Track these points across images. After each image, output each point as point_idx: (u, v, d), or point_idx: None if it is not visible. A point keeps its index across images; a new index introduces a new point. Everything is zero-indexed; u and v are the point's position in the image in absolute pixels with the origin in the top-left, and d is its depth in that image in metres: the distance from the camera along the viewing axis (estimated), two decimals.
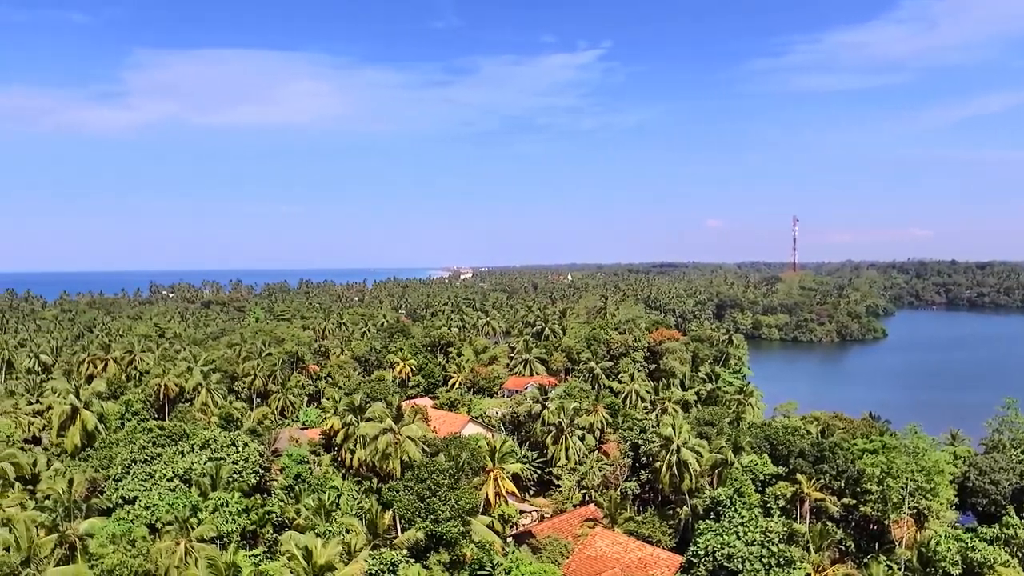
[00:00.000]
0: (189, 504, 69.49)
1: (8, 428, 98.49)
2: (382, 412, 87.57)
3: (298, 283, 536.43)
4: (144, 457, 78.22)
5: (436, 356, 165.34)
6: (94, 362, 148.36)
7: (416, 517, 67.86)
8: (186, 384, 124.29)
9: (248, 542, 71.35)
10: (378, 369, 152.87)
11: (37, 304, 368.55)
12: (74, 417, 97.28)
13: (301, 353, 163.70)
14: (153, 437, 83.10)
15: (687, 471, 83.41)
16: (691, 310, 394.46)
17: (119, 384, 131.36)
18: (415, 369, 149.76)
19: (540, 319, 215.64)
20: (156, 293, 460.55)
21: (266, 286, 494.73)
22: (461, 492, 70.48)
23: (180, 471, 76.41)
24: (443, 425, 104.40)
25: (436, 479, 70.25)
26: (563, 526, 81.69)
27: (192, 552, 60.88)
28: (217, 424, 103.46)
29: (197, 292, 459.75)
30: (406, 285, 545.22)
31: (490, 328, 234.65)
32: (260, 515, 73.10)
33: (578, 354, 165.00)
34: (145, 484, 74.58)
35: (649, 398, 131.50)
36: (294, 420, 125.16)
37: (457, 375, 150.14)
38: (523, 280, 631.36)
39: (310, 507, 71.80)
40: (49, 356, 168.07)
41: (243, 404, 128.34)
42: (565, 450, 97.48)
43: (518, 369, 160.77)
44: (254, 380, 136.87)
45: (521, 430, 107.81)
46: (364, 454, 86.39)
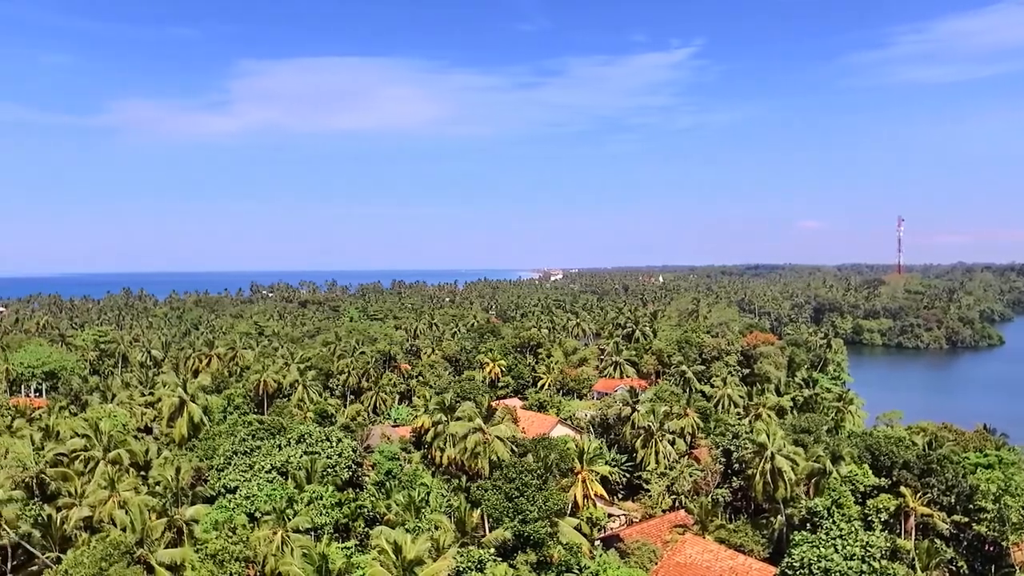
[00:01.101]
0: (286, 496, 71.89)
1: (124, 418, 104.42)
2: (472, 412, 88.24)
3: (391, 284, 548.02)
4: (244, 449, 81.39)
5: (526, 357, 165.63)
6: (199, 358, 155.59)
7: (504, 516, 67.99)
8: (284, 380, 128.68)
9: (341, 535, 73.19)
10: (468, 369, 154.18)
11: (149, 302, 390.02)
12: (182, 409, 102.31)
13: (393, 352, 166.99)
14: (253, 430, 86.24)
15: (782, 479, 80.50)
16: (787, 313, 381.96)
17: (222, 379, 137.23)
18: (505, 370, 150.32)
19: (631, 321, 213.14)
20: (256, 293, 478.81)
21: (360, 286, 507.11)
22: (549, 493, 70.23)
23: (277, 464, 79.15)
24: (532, 426, 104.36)
25: (524, 479, 70.23)
26: (652, 531, 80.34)
27: (288, 542, 62.97)
28: (312, 420, 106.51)
29: (295, 292, 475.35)
30: (496, 286, 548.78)
31: (580, 330, 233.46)
32: (352, 509, 74.88)
33: (669, 357, 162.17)
34: (245, 475, 77.65)
35: (742, 403, 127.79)
36: (386, 417, 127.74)
37: (546, 376, 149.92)
38: (613, 282, 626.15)
39: (400, 503, 73.01)
40: (159, 351, 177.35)
41: (337, 401, 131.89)
42: (655, 454, 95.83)
43: (608, 371, 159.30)
44: (348, 378, 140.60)
45: (610, 433, 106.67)
46: (454, 452, 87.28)
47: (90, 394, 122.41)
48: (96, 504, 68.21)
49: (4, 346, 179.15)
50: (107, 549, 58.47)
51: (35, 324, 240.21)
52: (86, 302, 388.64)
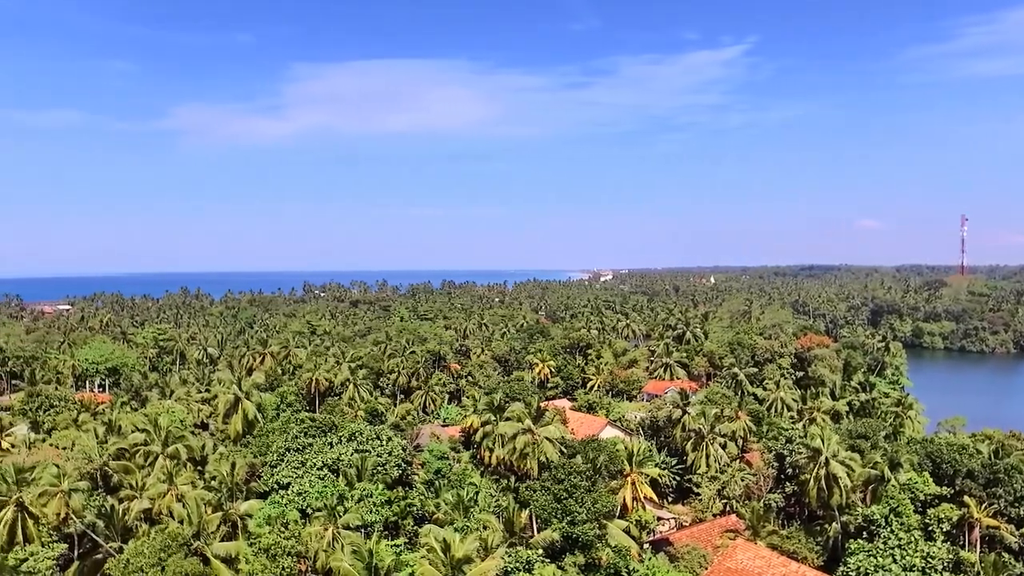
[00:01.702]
0: (337, 493, 72.86)
1: (181, 414, 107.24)
2: (521, 412, 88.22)
3: (441, 284, 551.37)
4: (297, 446, 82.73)
5: (575, 358, 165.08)
6: (254, 356, 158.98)
7: (552, 517, 67.81)
8: (335, 379, 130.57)
9: (390, 532, 73.91)
10: (517, 369, 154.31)
11: (206, 301, 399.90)
12: (236, 406, 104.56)
13: (443, 352, 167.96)
14: (305, 428, 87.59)
15: (837, 486, 78.51)
16: (843, 315, 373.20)
17: (275, 377, 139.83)
18: (554, 370, 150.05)
19: (681, 322, 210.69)
20: (309, 292, 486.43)
21: (410, 286, 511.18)
22: (598, 495, 69.81)
23: (329, 461, 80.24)
24: (581, 427, 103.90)
25: (573, 480, 69.93)
26: (702, 535, 79.21)
27: (339, 538, 63.79)
28: (363, 418, 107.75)
29: (346, 292, 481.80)
30: (546, 287, 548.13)
31: (630, 331, 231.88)
32: (402, 507, 75.55)
33: (720, 359, 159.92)
34: (297, 471, 78.93)
35: (796, 407, 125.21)
36: (435, 417, 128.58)
37: (596, 377, 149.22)
38: (664, 282, 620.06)
39: (449, 502, 73.39)
40: (215, 349, 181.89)
41: (387, 400, 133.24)
42: (706, 457, 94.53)
43: (658, 373, 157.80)
44: (398, 377, 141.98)
45: (660, 435, 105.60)
46: (502, 453, 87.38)
47: (150, 390, 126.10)
48: (155, 497, 70.25)
49: (70, 343, 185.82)
50: (166, 540, 60.12)
51: (99, 322, 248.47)
52: (146, 301, 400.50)
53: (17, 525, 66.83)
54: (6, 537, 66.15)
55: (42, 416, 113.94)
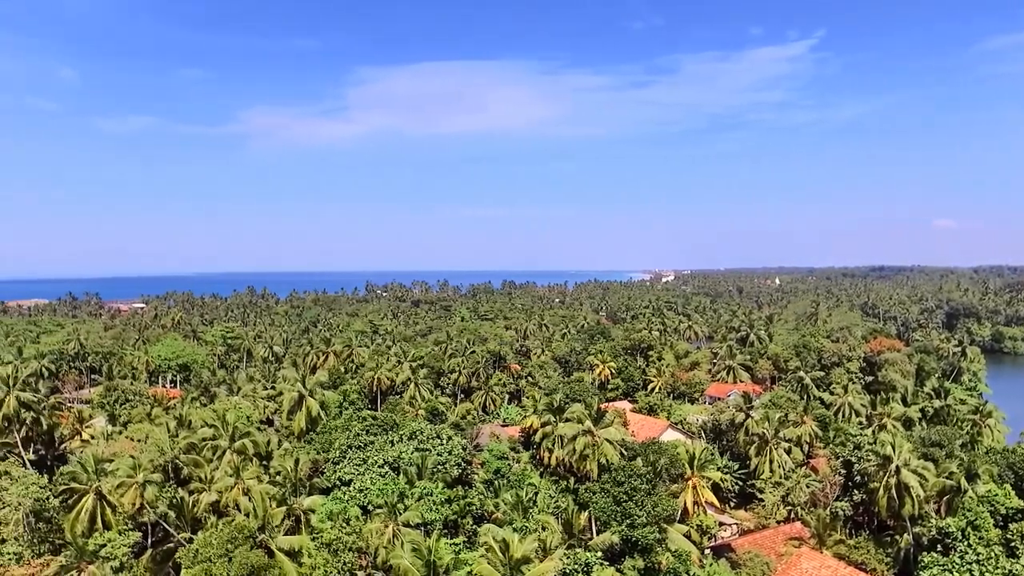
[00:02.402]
0: (397, 490, 73.66)
1: (248, 410, 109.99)
2: (581, 413, 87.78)
3: (501, 284, 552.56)
4: (358, 444, 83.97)
5: (636, 359, 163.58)
6: (317, 354, 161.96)
7: (612, 520, 67.25)
8: (396, 378, 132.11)
9: (449, 531, 74.31)
10: (578, 370, 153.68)
11: (272, 301, 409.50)
12: (300, 404, 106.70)
13: (503, 352, 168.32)
14: (367, 426, 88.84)
15: (908, 495, 75.67)
16: (915, 318, 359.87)
17: (338, 375, 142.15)
18: (615, 372, 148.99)
19: (745, 324, 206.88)
20: (371, 292, 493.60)
21: (471, 287, 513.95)
22: (658, 498, 68.96)
23: (390, 459, 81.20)
24: (641, 429, 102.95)
25: (633, 483, 69.22)
26: (765, 542, 77.42)
27: (399, 535, 64.48)
28: (424, 417, 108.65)
29: (408, 292, 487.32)
30: (607, 287, 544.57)
31: (692, 332, 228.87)
32: (461, 506, 75.91)
33: (785, 362, 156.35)
34: (359, 469, 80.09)
35: (865, 412, 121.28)
36: (495, 417, 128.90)
37: (657, 379, 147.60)
38: (727, 283, 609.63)
39: (508, 502, 73.41)
40: (280, 347, 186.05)
41: (448, 399, 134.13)
42: (769, 462, 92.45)
43: (720, 375, 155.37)
44: (459, 377, 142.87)
45: (722, 439, 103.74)
46: (562, 454, 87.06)
47: (218, 387, 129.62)
48: (223, 490, 72.19)
49: (145, 340, 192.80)
50: (233, 532, 61.74)
51: (171, 320, 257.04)
52: (215, 300, 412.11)
53: (97, 512, 69.84)
54: (87, 523, 69.22)
55: (118, 410, 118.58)
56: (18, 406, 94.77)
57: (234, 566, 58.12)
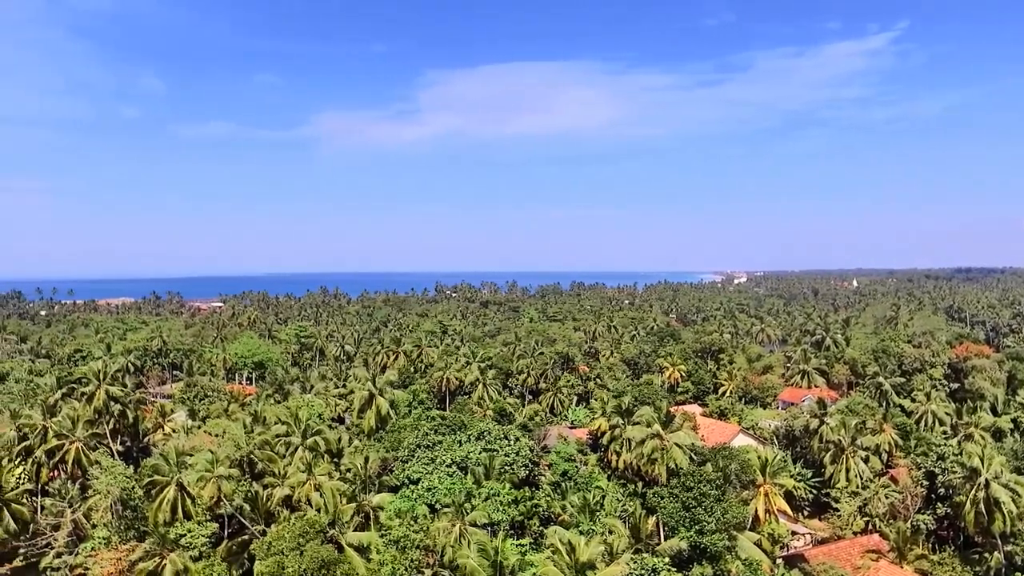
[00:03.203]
0: (465, 490, 74.11)
1: (320, 407, 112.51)
2: (650, 416, 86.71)
3: (570, 285, 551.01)
4: (427, 443, 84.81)
5: (706, 362, 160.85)
6: (388, 354, 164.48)
7: (680, 526, 66.21)
8: (465, 378, 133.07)
9: (516, 532, 74.38)
10: (647, 373, 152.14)
11: (343, 300, 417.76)
12: (371, 402, 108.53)
13: (572, 354, 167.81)
14: (435, 425, 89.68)
15: (999, 511, 72.02)
16: (1007, 323, 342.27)
17: (407, 375, 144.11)
18: (684, 375, 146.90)
19: (820, 327, 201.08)
20: (440, 293, 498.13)
21: (540, 288, 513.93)
22: (728, 504, 67.55)
23: (457, 459, 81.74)
24: (712, 434, 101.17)
25: (703, 489, 68.01)
26: (840, 554, 74.97)
27: (465, 535, 64.83)
28: (492, 417, 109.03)
29: (476, 292, 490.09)
30: (677, 289, 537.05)
31: (765, 335, 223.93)
32: (528, 507, 75.89)
33: (863, 367, 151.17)
34: (427, 468, 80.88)
35: (949, 421, 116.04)
36: (563, 418, 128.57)
37: (728, 383, 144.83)
38: (802, 285, 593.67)
39: (575, 504, 73.08)
40: (352, 347, 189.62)
41: (516, 400, 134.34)
42: (845, 471, 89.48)
43: (794, 380, 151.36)
44: (527, 378, 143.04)
45: (796, 445, 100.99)
46: (630, 457, 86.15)
47: (291, 384, 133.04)
48: (295, 485, 74.05)
49: (222, 338, 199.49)
50: (304, 527, 63.26)
51: (247, 319, 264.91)
52: (289, 299, 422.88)
53: (178, 503, 72.57)
54: (169, 513, 72.03)
55: (198, 405, 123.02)
56: (108, 399, 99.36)
57: (305, 559, 59.51)
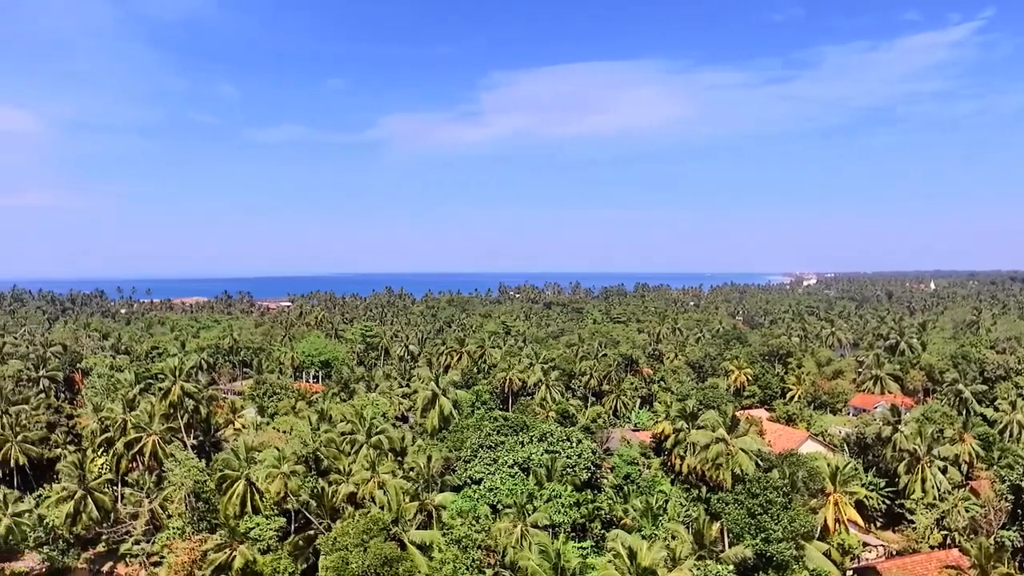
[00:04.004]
0: (526, 491, 74.14)
1: (384, 406, 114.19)
2: (715, 420, 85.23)
3: (634, 286, 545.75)
4: (489, 443, 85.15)
5: (774, 366, 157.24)
6: (451, 354, 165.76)
7: (745, 533, 64.83)
8: (528, 379, 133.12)
9: (577, 534, 74.04)
10: (712, 376, 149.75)
11: (408, 301, 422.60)
12: (434, 402, 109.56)
13: (635, 356, 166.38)
14: (498, 426, 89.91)
15: None
16: None
17: (471, 375, 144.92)
18: (751, 378, 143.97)
19: (895, 331, 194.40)
20: (504, 294, 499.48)
21: (603, 289, 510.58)
22: (796, 513, 65.85)
23: (519, 459, 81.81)
24: (779, 439, 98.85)
25: (769, 496, 66.48)
26: (916, 568, 72.12)
27: (527, 536, 64.81)
28: (554, 419, 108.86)
29: (539, 293, 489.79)
30: (743, 291, 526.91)
31: (835, 339, 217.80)
32: (589, 510, 75.47)
33: (941, 374, 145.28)
34: (489, 468, 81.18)
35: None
36: (626, 421, 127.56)
37: (796, 388, 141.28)
38: (875, 287, 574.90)
39: (638, 508, 72.33)
40: (416, 346, 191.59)
41: (578, 402, 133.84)
42: (921, 482, 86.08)
43: (867, 386, 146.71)
44: (590, 379, 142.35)
45: (868, 453, 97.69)
46: (694, 461, 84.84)
47: (357, 383, 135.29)
48: (360, 483, 75.34)
49: (290, 337, 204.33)
50: (368, 524, 64.28)
51: (314, 318, 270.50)
52: (355, 299, 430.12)
53: (247, 497, 74.79)
54: (238, 506, 74.29)
55: (267, 402, 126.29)
56: (182, 395, 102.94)
57: (369, 556, 60.45)
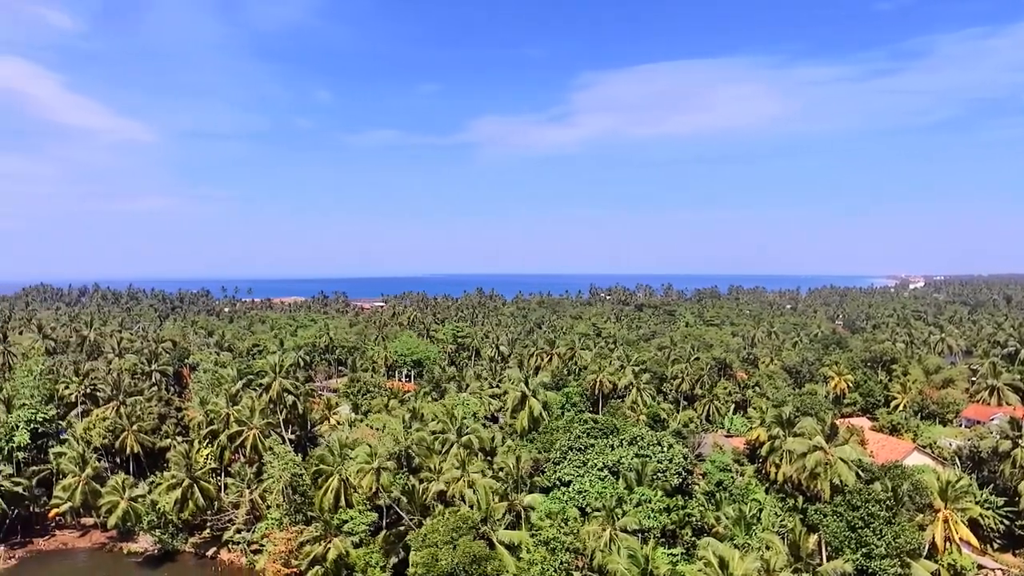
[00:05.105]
0: (616, 495, 73.44)
1: (474, 406, 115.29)
2: (812, 428, 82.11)
3: (728, 289, 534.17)
4: (579, 446, 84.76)
5: (876, 373, 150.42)
6: (541, 355, 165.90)
7: (845, 547, 62.17)
8: (619, 382, 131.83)
9: (667, 541, 72.75)
10: (809, 382, 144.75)
11: (499, 302, 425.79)
12: (523, 403, 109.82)
13: (729, 360, 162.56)
14: (587, 428, 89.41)
15: None
16: None
17: (560, 377, 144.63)
18: (852, 385, 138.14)
19: (1014, 338, 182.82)
20: (595, 295, 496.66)
21: (696, 291, 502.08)
22: (900, 528, 62.66)
23: (609, 463, 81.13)
24: (882, 450, 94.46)
25: (871, 509, 63.56)
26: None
27: (616, 540, 64.16)
28: (645, 423, 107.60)
29: (631, 295, 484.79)
30: (844, 294, 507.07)
31: (945, 346, 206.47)
32: (680, 516, 74.04)
33: None
34: (579, 470, 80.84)
35: None
36: (719, 426, 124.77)
37: (901, 396, 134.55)
38: (991, 291, 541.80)
39: (730, 516, 70.53)
40: (506, 347, 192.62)
41: (670, 406, 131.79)
42: None
43: (981, 396, 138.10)
44: (681, 383, 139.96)
45: (982, 468, 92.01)
46: (790, 470, 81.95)
47: (448, 383, 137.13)
48: (450, 481, 76.27)
49: (383, 336, 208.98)
50: (457, 522, 65.01)
51: (407, 318, 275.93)
52: (446, 300, 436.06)
53: (341, 492, 77.06)
54: (332, 500, 76.63)
55: (361, 399, 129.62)
56: (281, 391, 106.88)
57: (458, 553, 61.10)
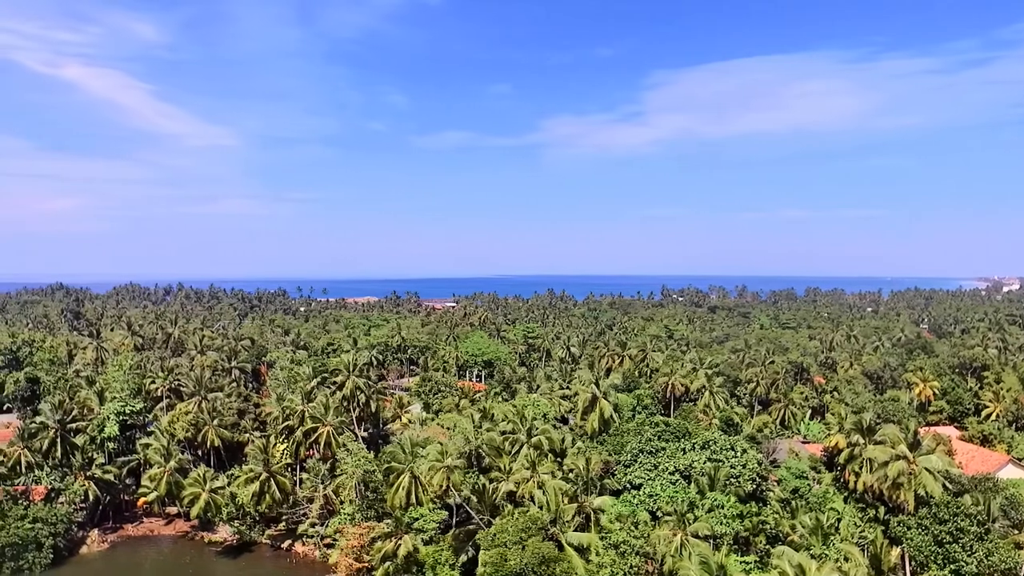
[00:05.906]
0: (687, 500, 72.23)
1: (545, 407, 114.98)
2: (895, 436, 78.98)
3: (805, 291, 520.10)
4: (650, 449, 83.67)
5: (966, 380, 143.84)
6: (612, 357, 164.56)
7: (931, 562, 59.54)
8: (691, 385, 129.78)
9: (740, 548, 71.08)
10: (892, 388, 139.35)
11: (569, 303, 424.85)
12: (594, 404, 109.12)
13: (806, 364, 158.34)
14: (659, 431, 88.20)
15: None
16: None
17: (632, 379, 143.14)
18: (938, 393, 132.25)
19: None
20: (667, 297, 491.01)
21: (771, 293, 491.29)
22: (994, 546, 59.64)
23: (681, 467, 79.87)
24: (971, 461, 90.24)
25: (960, 523, 60.69)
26: None
27: (687, 545, 63.09)
28: (718, 427, 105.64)
29: (704, 297, 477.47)
30: (929, 296, 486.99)
31: None
32: (754, 523, 72.26)
33: None
34: (649, 474, 79.82)
35: None
36: (795, 432, 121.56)
37: (993, 405, 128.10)
38: None
39: (806, 525, 68.50)
40: (577, 348, 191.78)
41: (744, 410, 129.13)
42: None
43: None
44: (756, 387, 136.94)
45: None
46: (871, 479, 79.00)
47: (518, 383, 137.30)
48: (520, 481, 76.31)
49: (455, 336, 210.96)
50: (527, 522, 64.96)
51: (478, 319, 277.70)
52: (517, 300, 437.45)
53: (411, 489, 78.00)
54: (404, 498, 77.63)
55: (431, 398, 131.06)
56: (355, 389, 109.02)
57: (527, 554, 61.03)
